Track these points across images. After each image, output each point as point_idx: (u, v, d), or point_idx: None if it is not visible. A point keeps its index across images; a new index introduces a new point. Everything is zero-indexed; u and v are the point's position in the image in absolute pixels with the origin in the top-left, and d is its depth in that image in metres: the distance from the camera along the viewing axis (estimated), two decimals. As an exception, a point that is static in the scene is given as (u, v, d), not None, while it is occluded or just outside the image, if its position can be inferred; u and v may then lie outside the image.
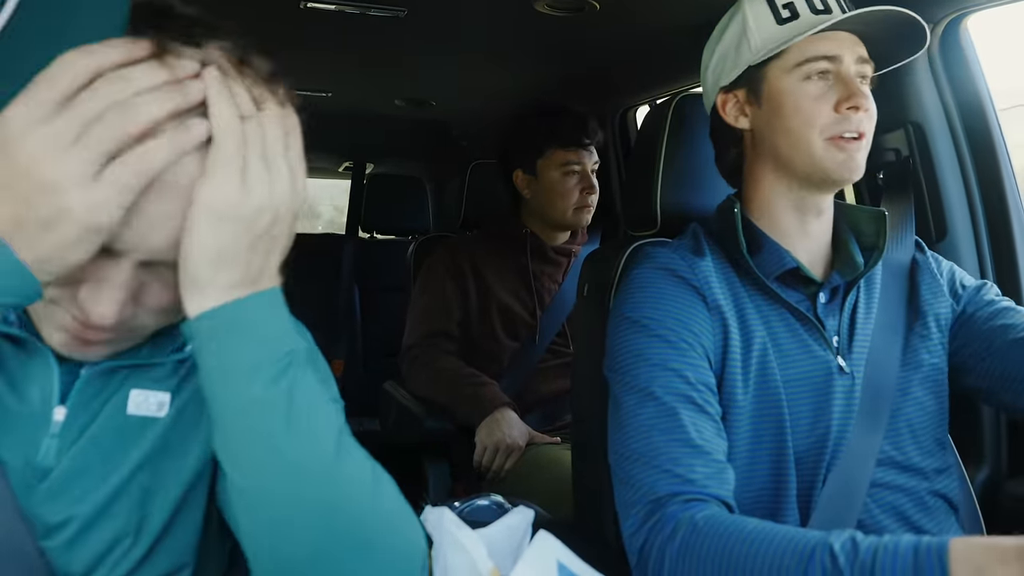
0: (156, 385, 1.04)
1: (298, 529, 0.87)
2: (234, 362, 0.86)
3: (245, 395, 0.85)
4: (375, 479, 0.91)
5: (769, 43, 1.44)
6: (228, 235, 0.85)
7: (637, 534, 1.27)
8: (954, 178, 1.90)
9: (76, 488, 0.98)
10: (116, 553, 0.99)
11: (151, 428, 1.03)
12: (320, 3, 2.32)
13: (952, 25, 1.87)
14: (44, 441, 0.97)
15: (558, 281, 2.84)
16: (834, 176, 1.39)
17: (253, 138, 0.87)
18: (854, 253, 1.48)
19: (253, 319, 0.87)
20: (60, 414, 0.98)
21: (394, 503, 0.92)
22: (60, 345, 0.93)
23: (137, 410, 1.02)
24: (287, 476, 0.86)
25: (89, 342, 0.92)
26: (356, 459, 0.90)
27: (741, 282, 1.45)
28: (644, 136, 1.78)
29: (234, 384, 0.85)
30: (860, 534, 1.09)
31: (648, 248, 1.53)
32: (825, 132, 1.38)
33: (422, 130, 4.27)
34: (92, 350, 0.94)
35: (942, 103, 1.91)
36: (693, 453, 1.29)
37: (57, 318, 0.91)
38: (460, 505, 1.39)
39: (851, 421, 1.39)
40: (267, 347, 0.87)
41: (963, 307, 1.52)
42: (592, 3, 2.22)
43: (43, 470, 0.97)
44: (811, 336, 1.43)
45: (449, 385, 2.63)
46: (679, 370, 1.35)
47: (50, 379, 0.98)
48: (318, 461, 0.87)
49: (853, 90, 1.37)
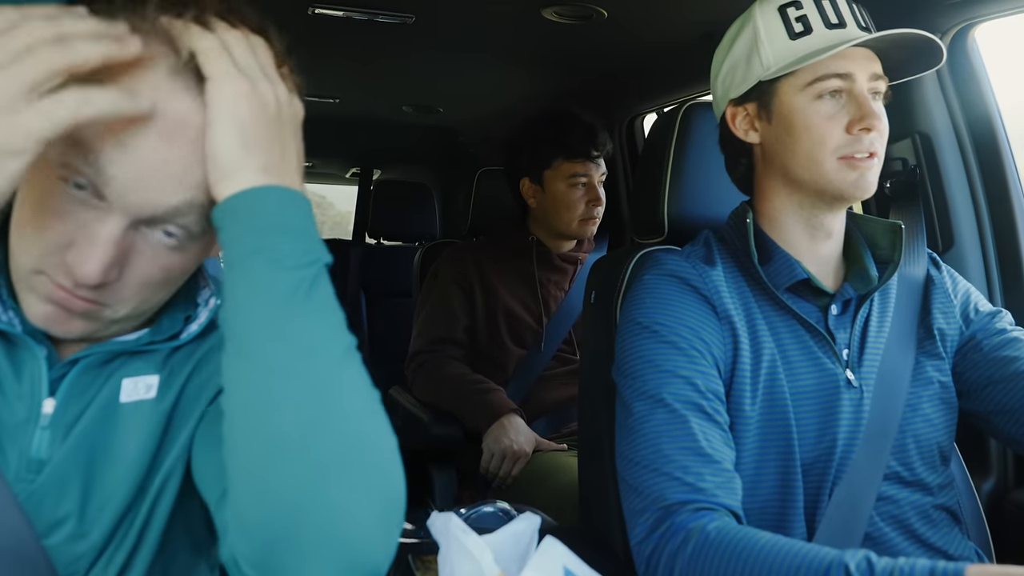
0: (146, 370, 1.05)
1: (289, 417, 0.83)
2: (264, 244, 0.86)
3: (270, 274, 0.85)
4: (372, 398, 0.89)
5: (781, 60, 1.41)
6: (247, 116, 0.87)
7: (646, 542, 1.27)
8: (961, 188, 1.91)
9: (72, 480, 0.99)
10: (117, 546, 1.01)
11: (146, 417, 1.03)
12: (328, 9, 2.33)
13: (960, 35, 1.87)
14: (36, 433, 0.98)
15: (564, 288, 2.84)
16: (845, 195, 1.38)
17: (245, 54, 0.90)
18: (868, 267, 1.46)
19: (283, 205, 0.88)
20: (49, 406, 0.99)
21: (383, 429, 0.89)
22: (42, 319, 0.94)
23: (129, 397, 1.03)
24: (294, 356, 0.84)
25: (71, 313, 0.93)
26: (358, 370, 0.89)
27: (752, 292, 1.45)
28: (651, 144, 1.78)
29: (260, 264, 0.85)
30: (875, 555, 1.09)
31: (658, 255, 1.52)
32: (836, 152, 1.36)
33: (429, 136, 4.27)
34: (73, 325, 0.94)
35: (949, 113, 1.91)
36: (702, 462, 1.28)
37: (41, 288, 0.92)
38: (466, 511, 1.39)
39: (859, 435, 1.38)
40: (296, 241, 0.87)
41: (972, 332, 1.51)
42: (600, 11, 2.23)
43: (38, 462, 0.98)
44: (820, 348, 1.42)
45: (456, 391, 2.63)
46: (689, 377, 1.34)
47: (39, 371, 0.99)
48: (326, 352, 0.86)
49: (866, 111, 1.34)
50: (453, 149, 4.36)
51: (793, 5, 1.43)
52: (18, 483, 0.97)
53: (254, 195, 0.87)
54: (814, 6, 1.41)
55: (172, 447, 1.05)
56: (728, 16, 1.55)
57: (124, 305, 0.96)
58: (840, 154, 1.36)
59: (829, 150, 1.36)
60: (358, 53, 2.81)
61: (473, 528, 0.90)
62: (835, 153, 1.36)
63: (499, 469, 2.46)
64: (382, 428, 0.89)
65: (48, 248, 0.89)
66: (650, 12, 2.25)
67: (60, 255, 0.90)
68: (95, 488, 1.00)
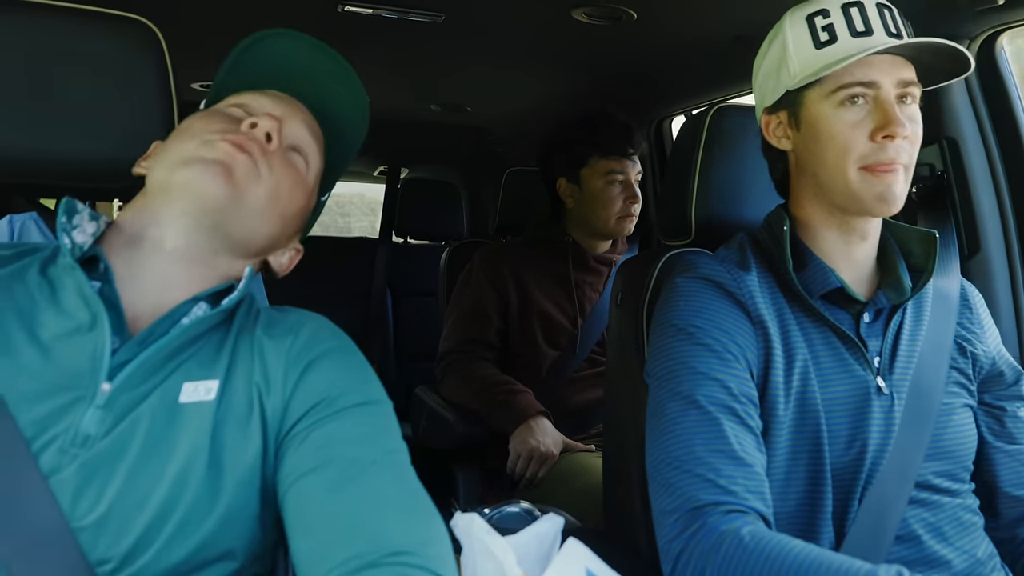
0: (206, 372, 1.10)
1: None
2: None
3: None
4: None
5: (806, 69, 1.41)
6: None
7: (675, 541, 1.27)
8: (987, 193, 1.90)
9: (116, 466, 1.01)
10: (150, 541, 1.01)
11: (202, 417, 1.06)
12: (358, 7, 2.34)
13: (988, 41, 1.87)
14: (89, 410, 1.01)
15: (599, 290, 2.83)
16: (867, 208, 1.38)
17: None
18: (903, 276, 1.46)
19: None
20: (107, 388, 1.03)
21: None
22: (203, 170, 1.11)
23: (188, 399, 1.07)
24: None
25: (231, 167, 1.13)
26: None
27: (785, 298, 1.45)
28: (679, 146, 1.77)
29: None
30: (907, 571, 1.08)
31: (690, 257, 1.52)
32: (860, 162, 1.36)
33: (457, 136, 4.27)
34: (230, 179, 1.12)
35: (976, 118, 1.90)
36: (735, 464, 1.28)
37: (215, 145, 1.14)
38: (490, 512, 1.39)
39: (889, 442, 1.38)
40: None
41: (995, 380, 1.54)
42: (629, 12, 2.23)
43: (84, 436, 1.00)
44: (852, 355, 1.42)
45: (484, 392, 2.63)
46: (723, 380, 1.35)
47: (103, 349, 1.04)
48: None
49: (890, 117, 1.34)
50: (481, 149, 4.36)
51: (821, 14, 1.42)
52: (61, 454, 0.99)
53: None
54: (841, 14, 1.41)
55: (230, 451, 1.08)
56: (756, 18, 1.55)
57: (256, 203, 1.17)
58: (863, 163, 1.36)
59: (853, 159, 1.36)
60: (387, 51, 2.82)
61: (496, 528, 0.90)
62: (858, 163, 1.36)
63: (525, 470, 2.47)
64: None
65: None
66: (679, 14, 2.25)
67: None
68: (139, 478, 1.01)
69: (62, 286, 1.09)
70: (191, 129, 1.18)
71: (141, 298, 1.11)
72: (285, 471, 1.09)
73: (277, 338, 1.17)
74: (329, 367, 1.15)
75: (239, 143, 1.14)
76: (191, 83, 3.18)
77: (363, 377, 1.18)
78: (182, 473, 1.03)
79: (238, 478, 1.07)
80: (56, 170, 1.36)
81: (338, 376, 1.15)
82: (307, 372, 1.14)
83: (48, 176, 1.36)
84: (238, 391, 1.11)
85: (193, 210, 1.12)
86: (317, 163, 1.30)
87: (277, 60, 1.36)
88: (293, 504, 1.06)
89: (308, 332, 1.19)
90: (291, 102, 1.29)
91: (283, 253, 1.31)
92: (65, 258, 1.09)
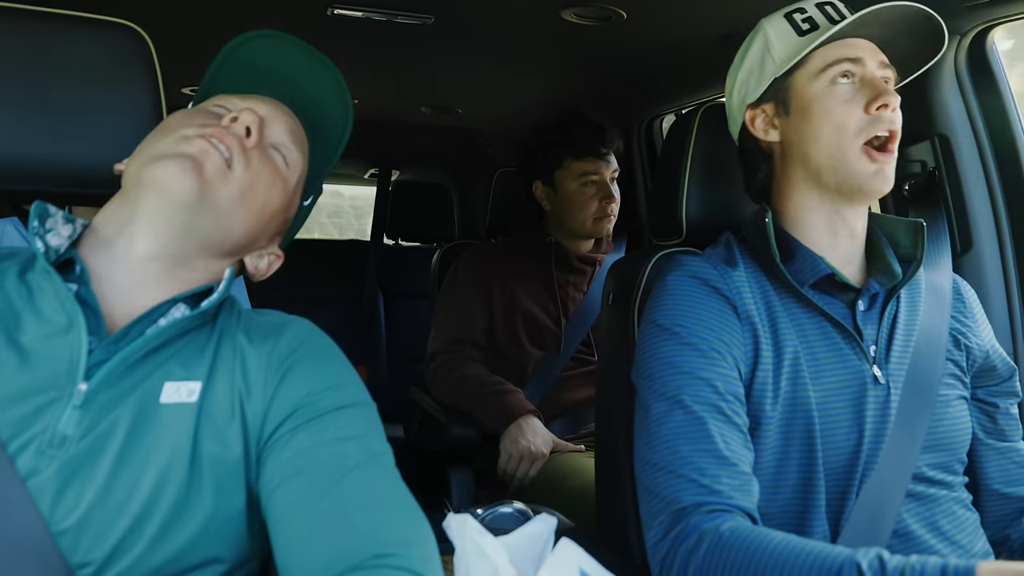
0: (188, 373, 1.09)
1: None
2: None
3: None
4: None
5: (791, 54, 1.45)
6: None
7: (660, 544, 1.27)
8: (979, 190, 1.90)
9: (96, 468, 1.00)
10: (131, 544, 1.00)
11: (184, 418, 1.06)
12: (347, 10, 2.34)
13: (978, 37, 1.87)
14: (67, 410, 1.01)
15: (583, 290, 2.84)
16: (864, 187, 1.39)
17: None
18: (892, 263, 1.47)
19: None
20: (84, 387, 1.02)
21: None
22: (173, 165, 1.10)
23: (169, 399, 1.06)
24: None
25: (201, 162, 1.11)
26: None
27: (775, 291, 1.45)
28: (670, 145, 1.77)
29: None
30: (887, 553, 1.09)
31: (679, 256, 1.52)
32: (859, 137, 1.37)
33: (448, 137, 4.27)
34: (200, 175, 1.11)
35: (968, 115, 1.90)
36: (719, 464, 1.28)
37: (191, 140, 1.12)
38: (483, 512, 1.39)
39: (885, 433, 1.38)
40: None
41: (989, 372, 1.55)
42: (619, 12, 2.23)
43: (62, 437, 1.00)
44: (848, 345, 1.42)
45: (473, 392, 2.63)
46: (709, 379, 1.35)
47: (79, 350, 1.03)
48: None
49: (881, 89, 1.38)
50: (471, 150, 4.36)
51: (798, 12, 1.49)
52: (39, 455, 0.98)
53: None
54: (817, 10, 1.48)
55: (212, 450, 1.07)
56: (746, 18, 1.56)
57: (228, 202, 1.15)
58: (864, 137, 1.38)
59: (851, 134, 1.38)
60: (377, 54, 2.82)
61: (490, 529, 0.90)
62: (858, 137, 1.38)
63: (516, 470, 2.47)
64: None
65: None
66: (669, 14, 2.26)
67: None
68: (118, 480, 1.01)
69: (40, 290, 1.08)
70: (169, 126, 1.18)
71: (118, 298, 1.11)
72: (267, 477, 1.08)
73: (257, 342, 1.16)
74: (308, 371, 1.15)
75: (217, 136, 1.14)
76: (180, 87, 3.17)
77: (344, 380, 1.17)
78: (163, 474, 1.02)
79: (220, 481, 1.07)
80: (45, 176, 1.35)
81: (318, 380, 1.14)
82: (286, 377, 1.13)
83: (37, 182, 1.35)
84: (220, 394, 1.10)
85: (164, 208, 1.11)
86: (299, 165, 1.29)
87: (263, 61, 1.36)
88: (275, 509, 1.05)
89: (288, 336, 1.18)
90: (275, 104, 1.28)
91: (261, 257, 1.28)
92: (40, 262, 1.08)
